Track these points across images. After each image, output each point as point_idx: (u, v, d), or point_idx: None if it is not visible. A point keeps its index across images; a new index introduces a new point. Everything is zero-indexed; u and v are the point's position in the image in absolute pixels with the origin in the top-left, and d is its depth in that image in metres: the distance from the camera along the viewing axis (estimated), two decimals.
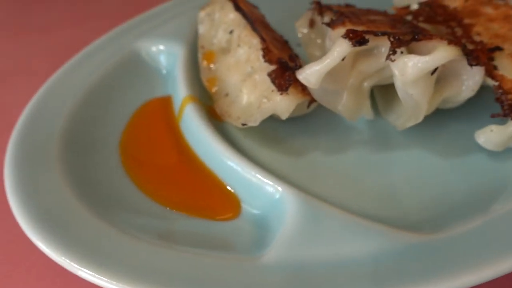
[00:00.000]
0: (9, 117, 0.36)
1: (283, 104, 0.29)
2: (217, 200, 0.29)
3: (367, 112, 0.33)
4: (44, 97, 0.34)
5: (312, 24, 0.38)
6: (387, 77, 0.30)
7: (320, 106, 0.34)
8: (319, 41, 0.38)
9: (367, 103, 0.32)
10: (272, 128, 0.35)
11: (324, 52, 0.31)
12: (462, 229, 0.25)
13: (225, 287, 0.22)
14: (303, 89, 0.30)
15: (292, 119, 0.35)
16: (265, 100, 0.30)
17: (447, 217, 0.27)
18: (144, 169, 0.32)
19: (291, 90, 0.29)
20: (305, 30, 0.38)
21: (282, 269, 0.23)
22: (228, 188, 0.30)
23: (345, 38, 0.27)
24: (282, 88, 0.29)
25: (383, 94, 0.34)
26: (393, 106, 0.34)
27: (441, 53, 0.26)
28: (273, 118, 0.35)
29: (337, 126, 0.35)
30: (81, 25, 0.56)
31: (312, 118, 0.35)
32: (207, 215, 0.28)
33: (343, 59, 0.27)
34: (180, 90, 0.36)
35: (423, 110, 0.28)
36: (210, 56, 0.39)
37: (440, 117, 0.33)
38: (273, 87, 0.30)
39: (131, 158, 0.33)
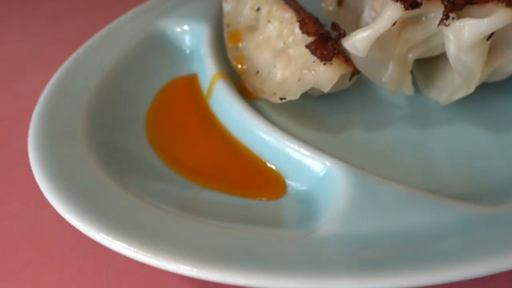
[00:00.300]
0: (26, 105, 0.34)
1: (327, 75, 0.28)
2: (261, 179, 0.27)
3: (407, 87, 0.31)
4: (67, 73, 0.32)
5: (340, 2, 0.37)
6: (433, 47, 0.29)
7: (355, 84, 0.33)
8: (349, 18, 0.36)
9: (409, 77, 0.31)
10: (306, 106, 0.33)
11: (356, 27, 0.29)
12: None
13: (278, 263, 0.21)
14: (346, 59, 0.29)
15: (328, 97, 0.33)
16: (306, 71, 0.28)
17: (495, 192, 0.26)
18: (174, 148, 0.30)
19: (334, 60, 0.28)
20: (333, 8, 0.37)
21: (339, 243, 0.21)
22: (270, 166, 0.28)
23: (396, 1, 0.25)
24: (326, 57, 0.28)
25: (423, 69, 0.33)
26: (434, 81, 0.32)
27: (500, 16, 0.24)
28: (306, 96, 0.33)
29: (374, 103, 0.33)
30: (94, 12, 0.55)
31: (347, 95, 0.34)
32: (251, 195, 0.26)
33: (393, 24, 0.25)
34: (208, 68, 0.34)
35: (477, 78, 0.27)
36: (236, 35, 0.37)
37: (485, 90, 0.32)
38: (313, 58, 0.29)
39: (160, 137, 0.31)
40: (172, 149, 0.30)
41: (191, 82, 0.35)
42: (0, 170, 0.34)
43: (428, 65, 0.33)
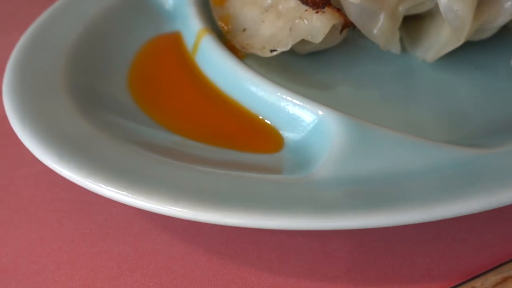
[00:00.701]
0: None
1: (320, 24, 0.27)
2: (258, 135, 0.26)
3: (395, 44, 0.31)
4: (45, 24, 0.30)
5: None
6: (422, 1, 0.29)
7: (341, 43, 0.33)
8: None
9: (397, 34, 0.31)
10: (294, 64, 0.33)
11: None
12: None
13: (275, 203, 0.20)
14: (338, 10, 0.28)
15: (315, 54, 0.33)
16: (298, 21, 0.28)
17: (484, 137, 0.26)
18: (161, 104, 0.29)
19: (326, 9, 0.27)
20: None
21: (335, 184, 0.21)
22: (265, 120, 0.27)
23: None
24: (318, 5, 0.27)
25: (410, 30, 0.33)
26: (420, 40, 0.32)
27: None
28: (294, 54, 0.33)
29: (361, 61, 0.33)
30: None
31: (335, 54, 0.33)
32: (248, 150, 0.25)
33: None
34: (193, 25, 0.33)
35: (466, 29, 0.27)
36: None
37: (470, 49, 0.32)
38: (305, 8, 0.28)
39: (143, 91, 0.30)
40: (156, 103, 0.29)
41: (175, 39, 0.34)
42: None
43: (414, 27, 0.33)
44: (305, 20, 0.28)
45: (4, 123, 0.26)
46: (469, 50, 0.32)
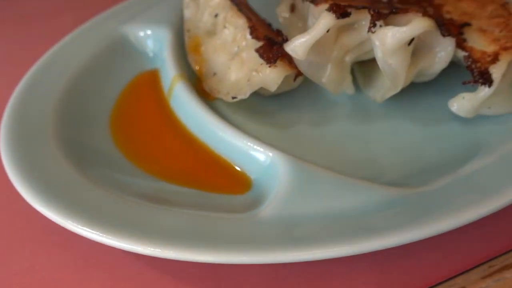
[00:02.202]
0: None
1: (272, 76, 0.31)
2: (227, 178, 0.30)
3: (348, 87, 0.35)
4: (36, 76, 0.34)
5: (293, 8, 0.40)
6: (367, 51, 0.32)
7: (304, 84, 0.37)
8: (300, 24, 0.40)
9: (349, 77, 0.34)
10: (259, 104, 0.36)
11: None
12: (437, 184, 0.27)
13: (224, 240, 0.24)
14: (290, 62, 0.32)
15: (278, 96, 0.37)
16: (254, 73, 0.32)
17: (423, 175, 0.30)
18: (136, 144, 0.33)
19: (279, 62, 0.31)
20: (286, 15, 0.40)
21: (278, 223, 0.25)
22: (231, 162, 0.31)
23: (329, 11, 0.29)
24: (271, 60, 0.31)
25: (363, 70, 0.37)
26: (372, 81, 0.36)
27: (417, 24, 0.28)
28: (259, 95, 0.36)
29: (320, 102, 0.37)
30: (61, 15, 0.56)
31: (296, 94, 0.37)
32: (218, 190, 0.29)
33: (327, 31, 0.29)
34: (169, 70, 0.37)
35: (402, 79, 0.30)
36: (196, 40, 0.40)
37: (415, 90, 0.36)
38: (261, 61, 0.32)
39: (122, 134, 0.33)
40: (134, 146, 0.33)
41: (153, 79, 0.38)
42: None
43: (367, 67, 0.37)
44: (260, 73, 0.31)
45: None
46: (415, 90, 0.36)
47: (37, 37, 0.52)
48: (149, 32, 0.41)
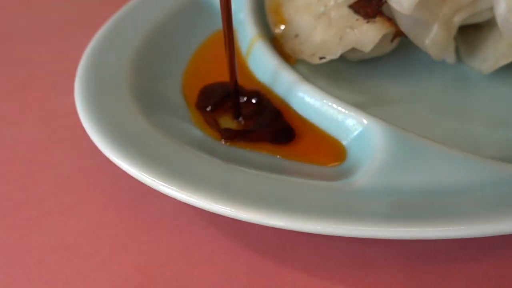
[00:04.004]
0: (71, 63, 0.35)
1: (370, 33, 0.28)
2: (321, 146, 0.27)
3: (450, 54, 0.31)
4: (110, 30, 0.33)
5: None
6: (480, 11, 0.28)
7: (394, 51, 0.33)
8: None
9: (453, 43, 0.30)
10: (344, 70, 0.33)
11: None
12: None
13: (314, 208, 0.21)
14: (389, 19, 0.28)
15: (366, 62, 0.33)
16: (348, 30, 0.28)
17: None
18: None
19: (377, 18, 0.28)
20: None
21: (375, 194, 0.22)
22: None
23: None
24: (369, 15, 0.28)
25: (467, 39, 0.32)
26: (478, 50, 0.32)
27: None
28: (345, 60, 0.33)
29: (414, 70, 0.33)
30: None
31: (386, 61, 0.33)
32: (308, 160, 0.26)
33: None
34: (247, 31, 0.34)
35: None
36: (276, 0, 0.37)
37: None
38: (357, 17, 0.29)
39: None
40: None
41: None
42: (44, 123, 0.35)
43: (472, 35, 0.32)
44: (355, 30, 0.28)
45: (73, 117, 0.29)
46: None
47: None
48: None
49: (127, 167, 0.23)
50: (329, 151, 0.26)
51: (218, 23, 0.37)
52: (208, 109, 0.29)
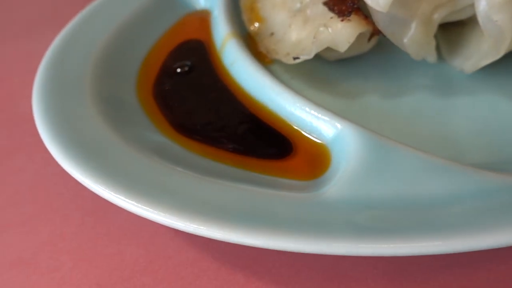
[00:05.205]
0: (36, 63, 0.33)
1: (344, 32, 0.26)
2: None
3: (431, 53, 0.29)
4: (73, 30, 0.31)
5: None
6: (461, 8, 0.27)
7: (374, 49, 0.31)
8: None
9: (433, 42, 0.29)
10: (321, 70, 0.32)
11: None
12: None
13: (285, 222, 0.20)
14: (366, 17, 0.27)
15: (344, 61, 0.32)
16: (322, 28, 0.27)
17: None
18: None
19: (353, 16, 0.26)
20: None
21: (347, 205, 0.20)
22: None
23: None
24: (344, 13, 0.26)
25: (448, 36, 0.31)
26: (460, 48, 0.30)
27: None
28: (322, 60, 0.32)
29: (393, 70, 0.31)
30: None
31: (365, 60, 0.32)
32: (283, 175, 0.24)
33: None
34: (221, 29, 0.33)
35: (507, 40, 0.25)
36: None
37: (509, 61, 0.30)
38: (331, 15, 0.27)
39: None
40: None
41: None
42: (8, 127, 0.34)
43: (454, 33, 0.31)
44: (329, 29, 0.26)
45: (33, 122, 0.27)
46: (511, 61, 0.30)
47: None
48: None
49: (83, 179, 0.21)
50: (318, 161, 0.24)
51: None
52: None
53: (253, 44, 0.33)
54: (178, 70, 0.30)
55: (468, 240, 0.18)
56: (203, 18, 0.36)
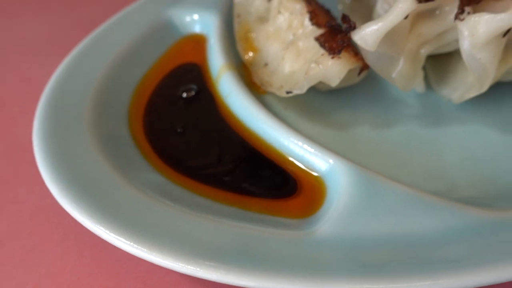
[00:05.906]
0: (38, 91, 0.34)
1: (335, 69, 0.27)
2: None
3: (419, 84, 0.30)
4: (74, 62, 0.32)
5: None
6: (446, 43, 0.28)
7: (365, 80, 0.32)
8: (363, 11, 0.35)
9: (421, 73, 0.30)
10: (314, 101, 0.32)
11: (369, 20, 0.28)
12: None
13: (276, 261, 0.20)
14: (356, 53, 0.28)
15: (336, 92, 0.32)
16: (313, 65, 0.28)
17: (505, 196, 0.25)
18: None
19: (343, 54, 0.27)
20: (348, 0, 0.36)
21: (338, 244, 0.21)
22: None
23: None
24: (334, 50, 0.27)
25: (437, 66, 0.32)
26: (447, 78, 0.31)
27: None
28: (314, 90, 0.32)
29: (383, 100, 0.32)
30: None
31: (356, 91, 0.33)
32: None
33: (405, 18, 0.24)
34: (217, 59, 0.34)
35: (490, 77, 0.25)
36: (246, 26, 0.36)
37: (500, 90, 0.30)
38: (322, 51, 0.28)
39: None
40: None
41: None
42: (8, 156, 0.34)
43: (441, 62, 0.32)
44: (320, 65, 0.27)
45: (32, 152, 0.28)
46: (499, 91, 0.30)
47: (83, 20, 0.50)
48: (196, 17, 0.38)
49: (82, 219, 0.22)
50: (315, 198, 0.24)
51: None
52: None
53: (247, 74, 0.34)
54: (170, 99, 0.31)
55: (455, 279, 0.19)
56: (198, 41, 0.37)
